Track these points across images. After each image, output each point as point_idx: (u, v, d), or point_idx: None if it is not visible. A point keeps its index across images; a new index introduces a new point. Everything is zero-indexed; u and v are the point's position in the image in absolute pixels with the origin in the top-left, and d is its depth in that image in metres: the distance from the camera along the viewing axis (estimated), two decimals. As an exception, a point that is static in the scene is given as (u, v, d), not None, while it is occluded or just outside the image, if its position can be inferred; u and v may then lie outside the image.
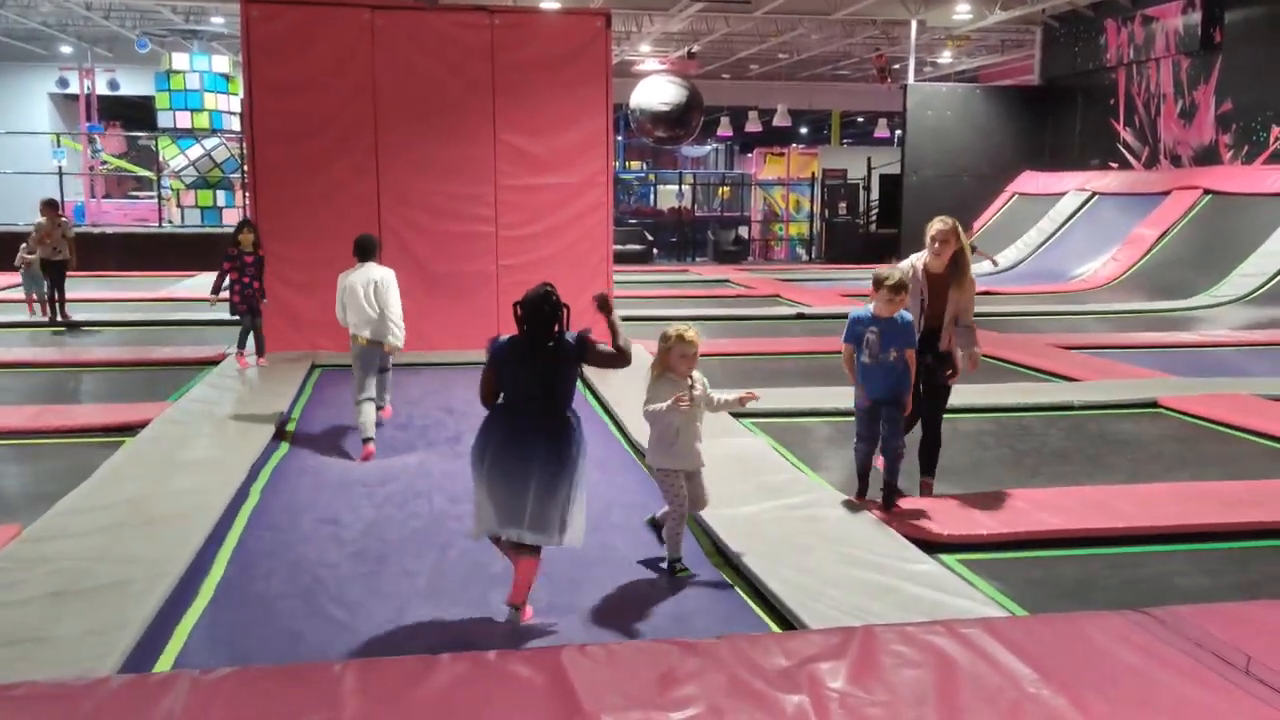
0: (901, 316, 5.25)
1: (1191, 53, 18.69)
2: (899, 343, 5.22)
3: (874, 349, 5.21)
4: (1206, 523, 5.07)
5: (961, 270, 5.47)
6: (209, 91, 23.44)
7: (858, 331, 5.28)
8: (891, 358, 5.21)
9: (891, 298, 5.21)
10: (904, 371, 5.25)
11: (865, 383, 5.31)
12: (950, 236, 5.45)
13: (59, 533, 4.72)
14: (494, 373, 4.08)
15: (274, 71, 9.68)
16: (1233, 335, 11.92)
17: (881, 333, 5.20)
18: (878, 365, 5.23)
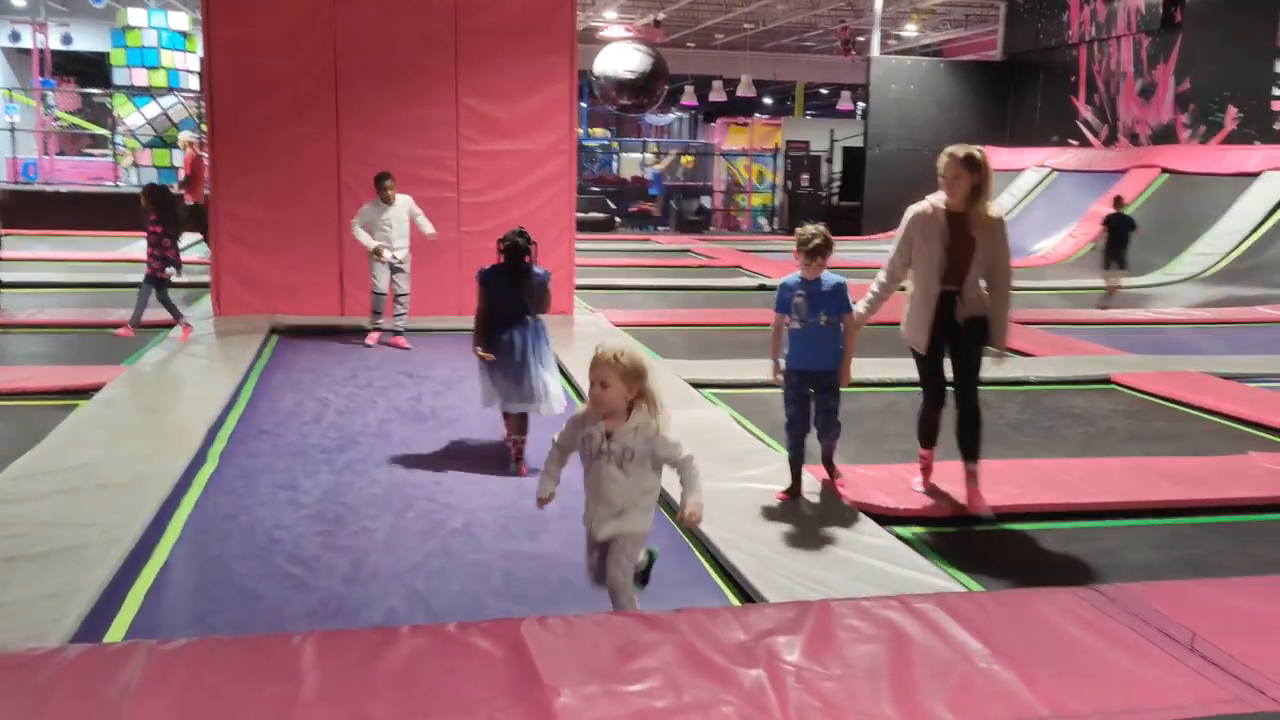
0: (829, 279, 4.94)
1: (1152, 31, 18.85)
2: (830, 306, 4.91)
3: (801, 312, 4.90)
4: (1154, 499, 5.17)
5: (987, 214, 4.72)
6: (166, 49, 22.96)
7: (785, 298, 4.97)
8: (822, 322, 4.90)
9: (809, 262, 4.89)
10: (835, 338, 4.94)
11: (792, 352, 4.98)
12: (959, 170, 4.70)
13: (11, 497, 4.66)
14: (485, 290, 5.61)
15: (234, 30, 9.51)
16: (1186, 313, 12.12)
17: (809, 296, 4.90)
18: (806, 331, 4.92)
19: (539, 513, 4.88)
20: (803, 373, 4.98)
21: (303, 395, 7.16)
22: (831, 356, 4.96)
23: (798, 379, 4.99)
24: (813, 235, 4.91)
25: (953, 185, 4.72)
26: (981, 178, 4.69)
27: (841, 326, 4.94)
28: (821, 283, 4.92)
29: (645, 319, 10.69)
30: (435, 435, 6.33)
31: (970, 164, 4.70)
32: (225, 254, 9.73)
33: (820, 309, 4.90)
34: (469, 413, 6.85)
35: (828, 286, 4.92)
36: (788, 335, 4.99)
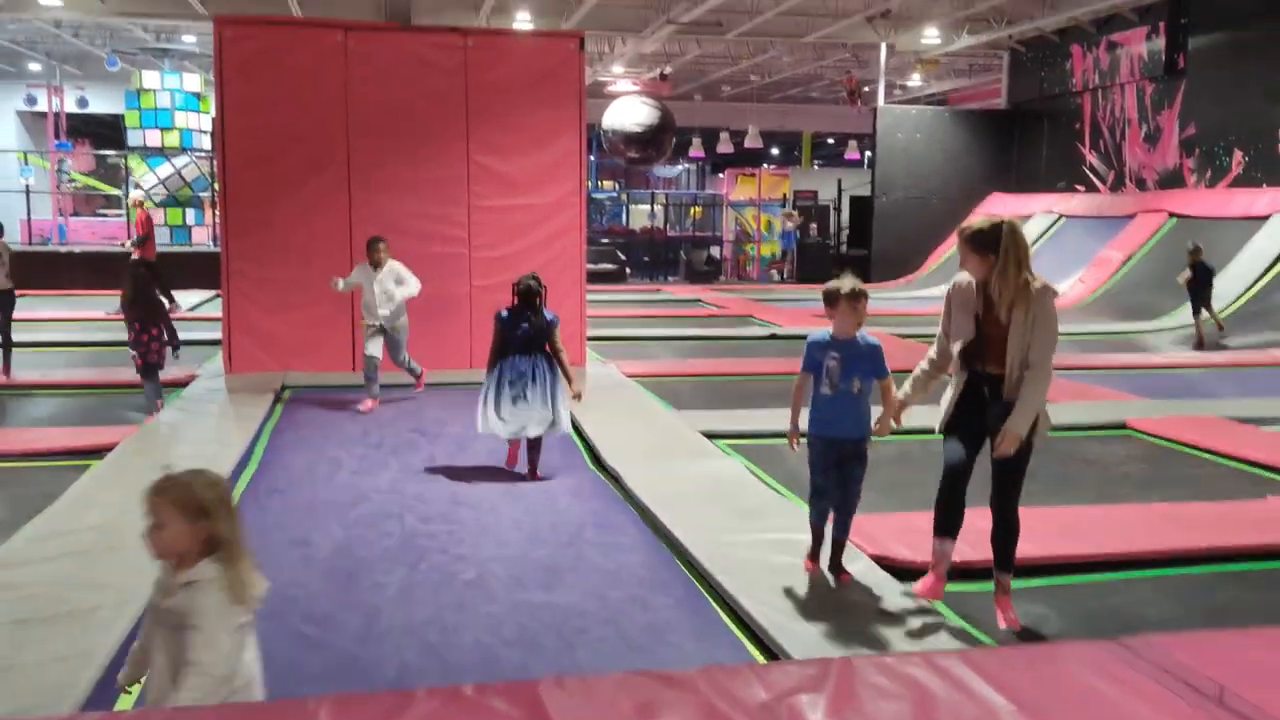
0: (866, 339, 4.50)
1: (1155, 78, 18.97)
2: (865, 369, 4.46)
3: (834, 377, 4.43)
4: (1174, 547, 5.11)
5: (1022, 286, 4.10)
6: (180, 110, 23.29)
7: (816, 359, 4.50)
8: (855, 388, 4.44)
9: (852, 308, 4.39)
10: (866, 404, 4.51)
11: (821, 418, 4.51)
12: (965, 252, 4.20)
13: (24, 559, 4.65)
14: (501, 328, 6.48)
15: (246, 90, 9.62)
16: (1199, 357, 12.07)
17: (843, 358, 4.44)
18: (839, 397, 4.45)
19: (551, 564, 4.90)
20: (831, 441, 4.52)
21: (314, 455, 7.16)
22: (863, 423, 4.53)
23: (823, 447, 4.55)
24: (844, 281, 4.45)
25: (968, 266, 4.24)
26: (1002, 253, 4.12)
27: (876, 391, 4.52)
28: (857, 343, 4.47)
29: (657, 369, 10.69)
30: (447, 488, 6.32)
31: (979, 243, 4.15)
32: (237, 311, 9.76)
33: (854, 374, 4.45)
34: (479, 468, 6.83)
35: (864, 348, 4.47)
36: (814, 399, 4.53)
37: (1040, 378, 4.12)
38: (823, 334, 4.53)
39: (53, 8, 18.91)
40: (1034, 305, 4.10)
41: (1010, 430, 4.10)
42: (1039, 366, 4.12)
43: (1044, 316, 4.11)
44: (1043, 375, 4.13)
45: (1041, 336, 4.11)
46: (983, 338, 4.23)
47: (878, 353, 4.50)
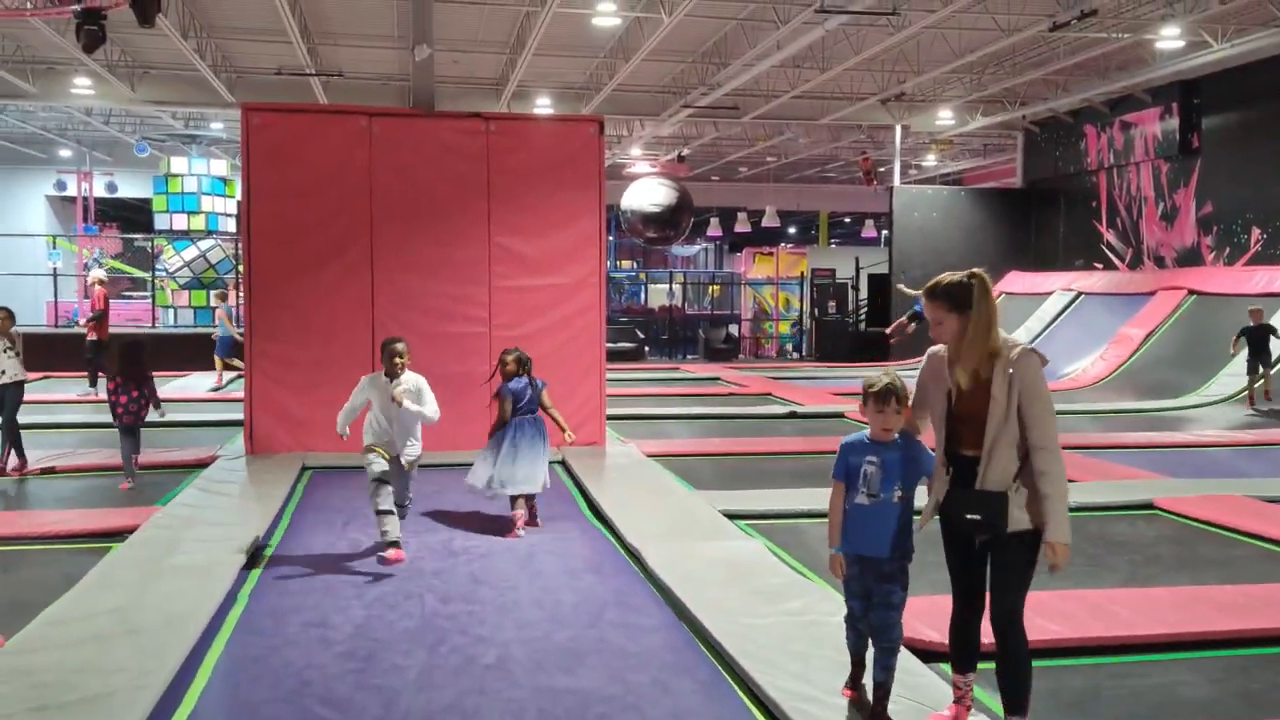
0: (909, 438, 3.96)
1: (1170, 157, 19.11)
2: (908, 477, 3.91)
3: (873, 485, 3.88)
4: (1207, 630, 5.01)
5: (997, 349, 3.64)
6: (206, 194, 23.74)
7: (852, 464, 3.94)
8: (896, 497, 3.90)
9: (880, 408, 3.89)
10: (906, 517, 3.95)
11: (855, 532, 3.94)
12: (937, 312, 3.72)
13: (42, 644, 4.62)
14: (512, 399, 7.28)
15: (272, 175, 9.81)
16: (1224, 435, 11.94)
17: (884, 463, 3.89)
18: (877, 508, 3.90)
19: (573, 646, 4.83)
20: (866, 560, 3.96)
21: (334, 535, 7.13)
22: (904, 538, 3.94)
23: (858, 568, 3.98)
24: (879, 379, 3.92)
25: (939, 331, 3.75)
26: (974, 308, 3.64)
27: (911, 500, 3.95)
28: (899, 445, 3.93)
29: (677, 449, 10.65)
30: (466, 568, 6.27)
31: (955, 298, 3.67)
32: (260, 391, 9.83)
33: (896, 480, 3.90)
34: (498, 547, 6.78)
35: (906, 451, 3.93)
36: (849, 510, 3.96)
37: (1058, 463, 3.59)
38: (858, 436, 4.00)
39: (85, 96, 19.41)
40: (1019, 373, 3.58)
41: (1055, 540, 3.54)
42: (1047, 449, 3.57)
43: (1035, 385, 3.59)
44: (1056, 457, 3.59)
45: (1039, 410, 3.59)
46: (955, 416, 3.73)
47: (920, 453, 3.96)
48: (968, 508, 3.66)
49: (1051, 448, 3.59)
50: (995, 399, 3.60)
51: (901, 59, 18.11)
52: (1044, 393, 3.62)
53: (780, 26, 14.85)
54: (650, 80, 19.88)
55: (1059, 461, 3.60)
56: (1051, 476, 3.56)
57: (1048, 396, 3.63)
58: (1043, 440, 3.58)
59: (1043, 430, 3.59)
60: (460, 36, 16.81)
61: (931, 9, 14.04)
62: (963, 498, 3.68)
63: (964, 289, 3.65)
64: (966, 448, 3.70)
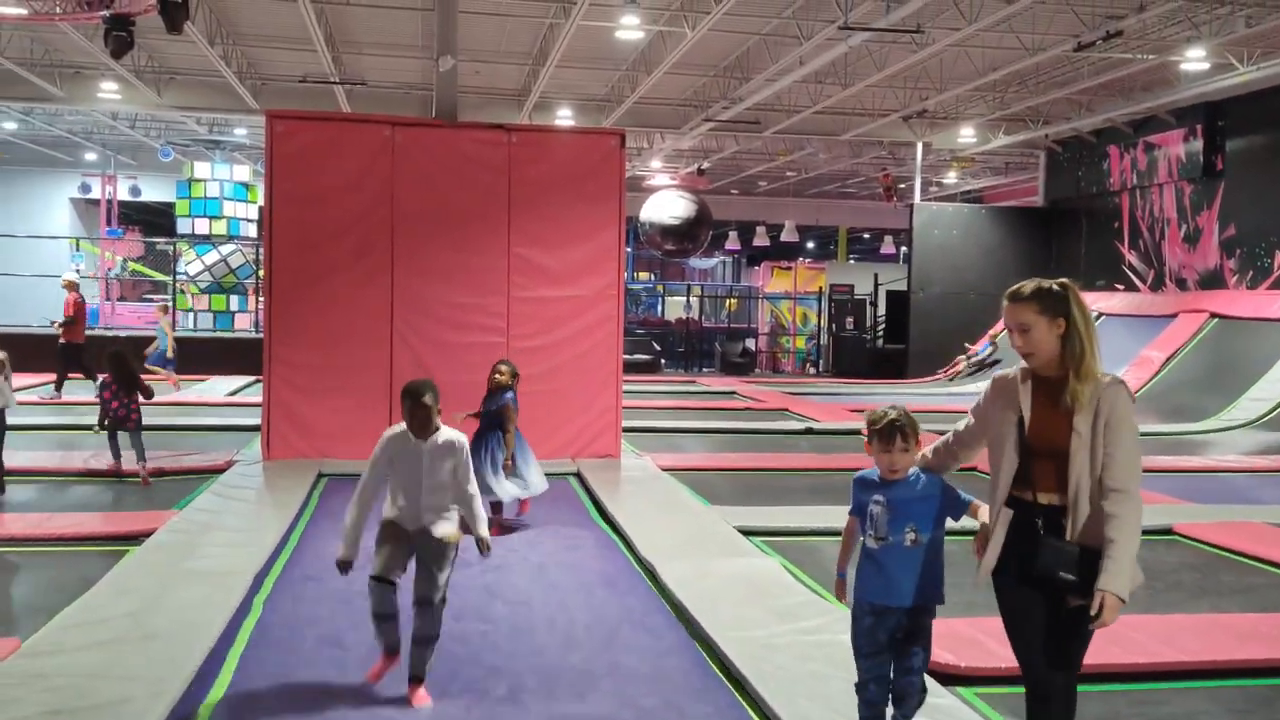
0: (921, 475, 3.54)
1: (1194, 179, 19.01)
2: (919, 517, 3.49)
3: (880, 527, 3.49)
4: (1228, 659, 4.95)
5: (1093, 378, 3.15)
6: (228, 199, 23.88)
7: (861, 500, 3.59)
8: (908, 541, 3.47)
9: (886, 447, 3.50)
10: (930, 563, 3.50)
11: (866, 577, 3.54)
12: (1025, 315, 3.19)
13: (57, 647, 4.62)
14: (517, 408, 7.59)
15: (295, 182, 9.85)
16: (1245, 461, 11.84)
17: (891, 503, 3.49)
18: (887, 553, 3.48)
19: (586, 672, 4.76)
20: (879, 609, 3.51)
21: (349, 541, 7.11)
22: (924, 586, 3.49)
23: (872, 620, 3.51)
24: (883, 419, 3.53)
25: (1026, 340, 3.20)
26: (1073, 323, 3.17)
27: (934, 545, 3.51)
28: (911, 483, 3.52)
29: (692, 463, 10.62)
30: (481, 580, 6.24)
31: (1048, 304, 3.17)
32: (277, 398, 9.85)
33: (908, 522, 3.47)
34: (513, 559, 6.76)
35: (921, 489, 3.51)
36: (860, 551, 3.61)
37: (1132, 509, 3.06)
38: (871, 471, 3.62)
39: (111, 100, 19.56)
40: (1107, 404, 3.10)
41: (1109, 591, 3.02)
42: (1127, 493, 3.07)
43: (1124, 419, 3.10)
44: (1135, 506, 3.07)
45: (1126, 450, 3.08)
46: (1030, 453, 3.20)
47: (938, 490, 3.53)
48: (1061, 564, 3.10)
49: (1128, 490, 3.07)
50: (1079, 433, 3.10)
51: (924, 76, 18.09)
52: (1133, 430, 3.11)
53: (803, 42, 14.85)
54: (672, 93, 19.91)
55: (1136, 511, 3.08)
56: (1122, 521, 3.04)
57: (1135, 436, 3.12)
58: (1123, 482, 3.07)
59: (1126, 472, 3.08)
60: (483, 47, 16.88)
61: (955, 27, 14.02)
62: (1058, 553, 3.11)
63: (1058, 293, 3.17)
64: (1042, 492, 3.18)
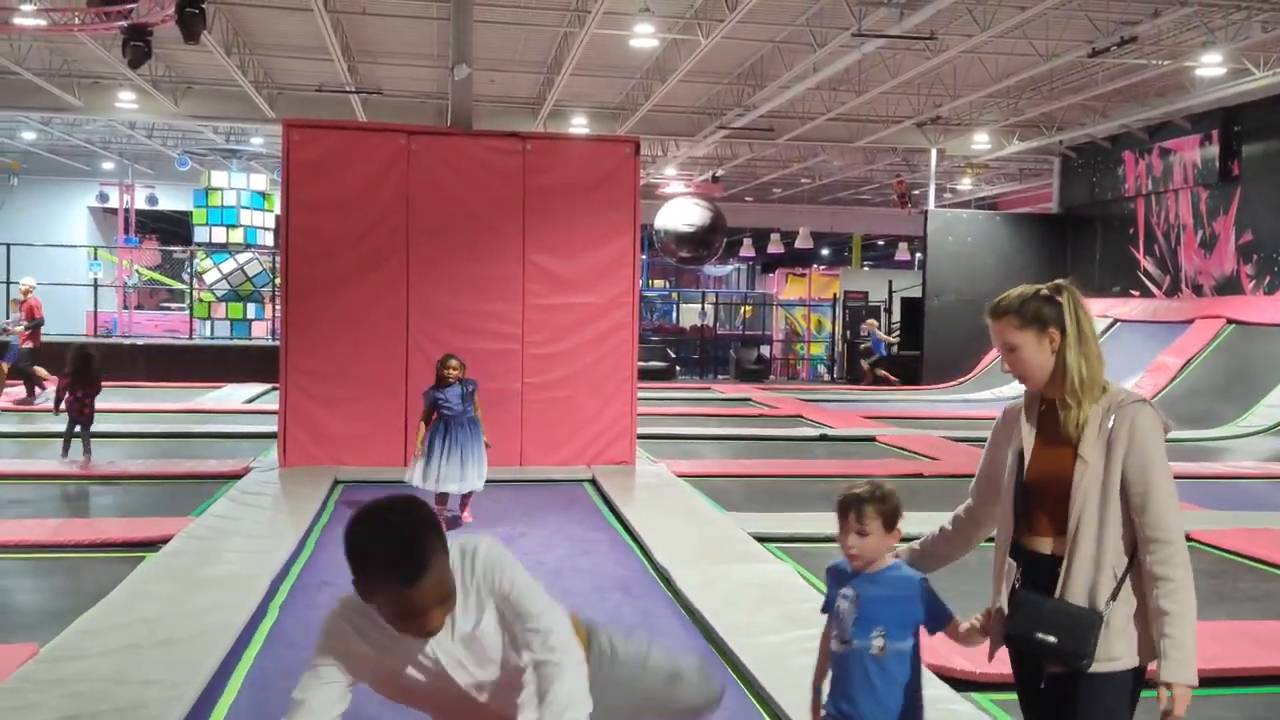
0: (895, 574, 2.85)
1: (1210, 185, 18.93)
2: (892, 621, 2.79)
3: (844, 628, 2.82)
4: (1247, 666, 4.93)
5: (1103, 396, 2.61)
6: (245, 208, 24.02)
7: (831, 594, 2.92)
8: (874, 648, 2.77)
9: (841, 525, 2.83)
10: (901, 676, 2.78)
11: (833, 684, 2.87)
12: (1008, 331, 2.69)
13: (76, 653, 4.66)
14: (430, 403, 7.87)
15: (311, 191, 9.90)
16: (1262, 467, 11.77)
17: (858, 600, 2.81)
18: (849, 658, 2.80)
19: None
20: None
21: (365, 547, 7.15)
22: (887, 704, 2.76)
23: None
24: (855, 492, 2.84)
25: (1014, 362, 2.70)
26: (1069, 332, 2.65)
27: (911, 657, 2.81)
28: (889, 578, 2.84)
29: (707, 469, 10.62)
30: (496, 589, 6.26)
31: (1029, 312, 2.69)
32: (293, 405, 9.90)
33: (876, 625, 2.78)
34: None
35: (898, 587, 2.83)
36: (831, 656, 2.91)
37: (1183, 566, 2.51)
38: (843, 559, 2.91)
39: (129, 110, 19.71)
40: (1125, 429, 2.53)
41: (1175, 682, 2.45)
42: (1172, 544, 2.50)
43: (1148, 447, 2.53)
44: (1184, 561, 2.51)
45: (1161, 488, 2.51)
46: (1024, 488, 2.66)
47: (919, 590, 2.83)
48: (1039, 624, 2.54)
49: (1175, 542, 2.51)
50: (1085, 461, 2.56)
51: (938, 82, 18.07)
52: (1162, 461, 2.54)
53: (817, 49, 14.86)
54: (686, 101, 19.94)
55: (1187, 567, 2.51)
56: (1177, 586, 2.48)
57: (1167, 468, 2.54)
58: (1160, 530, 2.50)
59: (1160, 516, 2.51)
60: (498, 56, 16.94)
61: (969, 34, 14.01)
62: (1034, 609, 2.57)
63: (1043, 301, 2.69)
64: (1041, 536, 2.65)
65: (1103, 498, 2.55)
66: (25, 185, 28.54)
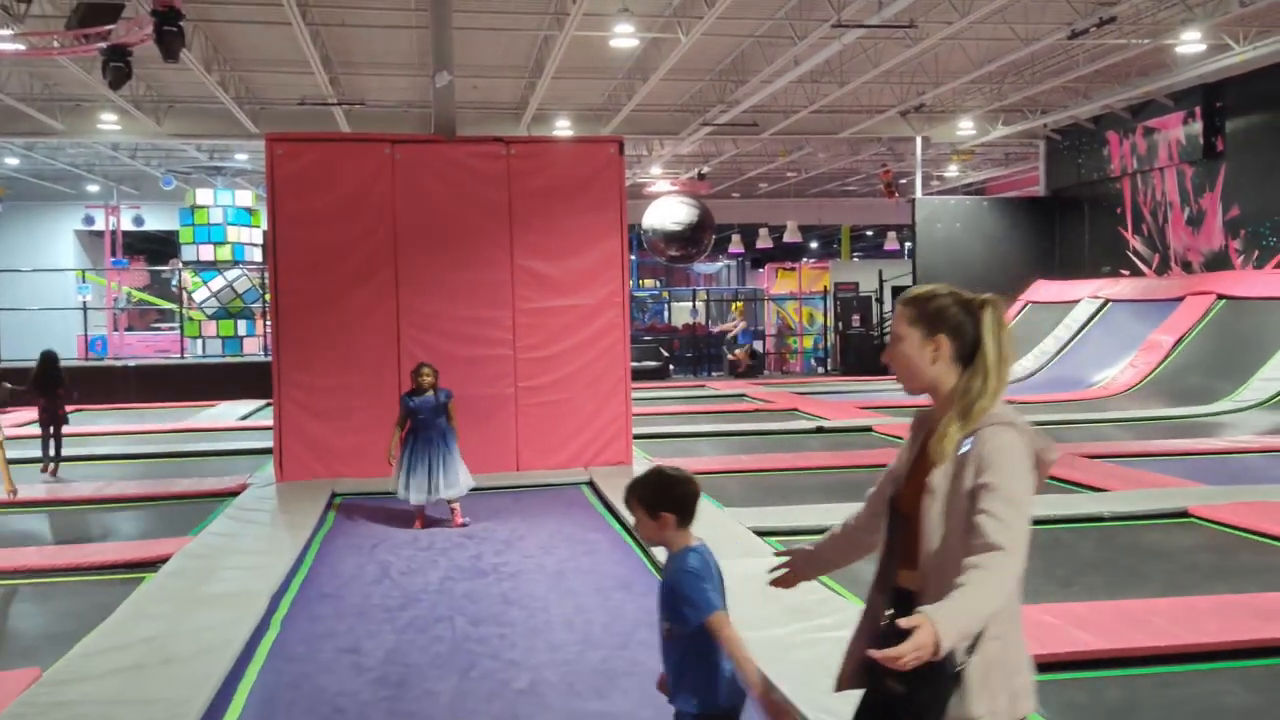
0: (683, 561, 2.88)
1: (1194, 161, 18.97)
2: (667, 605, 2.88)
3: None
4: (1249, 639, 4.93)
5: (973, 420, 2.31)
6: (232, 225, 23.97)
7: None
8: (665, 632, 2.89)
9: (638, 517, 2.94)
10: (678, 666, 2.87)
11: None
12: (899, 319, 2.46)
13: (78, 675, 4.64)
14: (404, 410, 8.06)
15: (297, 204, 9.88)
16: (1258, 441, 11.79)
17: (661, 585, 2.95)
18: (664, 642, 2.93)
19: (605, 669, 4.82)
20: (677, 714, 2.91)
21: (364, 558, 7.15)
22: (681, 688, 2.86)
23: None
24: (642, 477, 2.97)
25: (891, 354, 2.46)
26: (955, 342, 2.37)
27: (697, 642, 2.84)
28: (668, 567, 2.94)
29: (704, 466, 10.60)
30: (497, 588, 6.27)
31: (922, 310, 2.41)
32: (288, 420, 9.88)
33: (663, 609, 2.90)
34: (529, 565, 6.79)
35: (670, 573, 2.90)
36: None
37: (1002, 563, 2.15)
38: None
39: (112, 131, 19.66)
40: (979, 450, 2.25)
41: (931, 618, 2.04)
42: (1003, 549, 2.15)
43: (1001, 467, 2.22)
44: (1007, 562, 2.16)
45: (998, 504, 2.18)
46: (895, 514, 2.45)
47: (684, 580, 2.83)
48: (889, 670, 2.07)
49: (1009, 549, 2.16)
50: (931, 491, 2.29)
51: (920, 71, 18.08)
52: (1013, 478, 2.22)
53: (798, 42, 14.87)
54: (669, 99, 19.93)
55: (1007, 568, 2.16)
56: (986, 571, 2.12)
57: (1017, 486, 2.22)
58: (1000, 537, 2.15)
59: (1001, 528, 2.16)
60: (480, 62, 16.92)
61: (949, 20, 14.01)
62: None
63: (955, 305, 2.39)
64: (907, 569, 2.36)
65: (951, 528, 2.24)
66: (10, 211, 28.45)
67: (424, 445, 7.95)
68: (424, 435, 7.96)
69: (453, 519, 8.13)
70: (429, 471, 7.90)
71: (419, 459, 7.93)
